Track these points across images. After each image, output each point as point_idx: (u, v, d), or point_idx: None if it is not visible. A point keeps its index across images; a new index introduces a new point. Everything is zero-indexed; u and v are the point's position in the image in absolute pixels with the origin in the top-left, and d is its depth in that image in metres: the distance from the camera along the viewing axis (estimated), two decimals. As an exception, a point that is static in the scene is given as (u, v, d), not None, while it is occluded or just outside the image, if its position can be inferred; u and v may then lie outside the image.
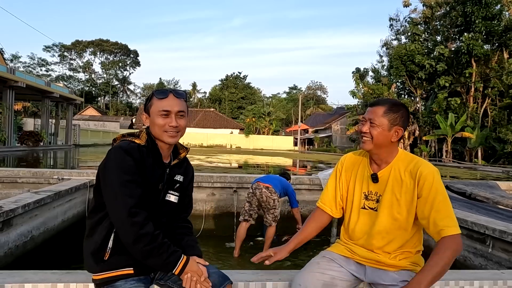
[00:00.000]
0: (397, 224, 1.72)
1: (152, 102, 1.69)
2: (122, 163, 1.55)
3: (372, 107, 1.77)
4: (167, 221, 1.76)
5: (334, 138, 49.03)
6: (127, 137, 1.70)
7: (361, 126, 1.78)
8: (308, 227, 1.96)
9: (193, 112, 54.30)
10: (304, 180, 6.38)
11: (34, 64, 68.63)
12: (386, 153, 1.76)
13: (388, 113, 1.72)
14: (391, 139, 1.73)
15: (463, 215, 4.08)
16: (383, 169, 1.77)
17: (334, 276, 1.76)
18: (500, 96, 28.74)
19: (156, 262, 1.55)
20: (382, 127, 1.71)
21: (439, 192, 1.64)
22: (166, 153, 1.74)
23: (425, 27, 34.45)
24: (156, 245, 1.53)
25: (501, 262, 3.44)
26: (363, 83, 36.58)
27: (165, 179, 1.72)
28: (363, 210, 1.81)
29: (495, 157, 26.29)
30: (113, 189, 1.54)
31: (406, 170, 1.72)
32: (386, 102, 1.76)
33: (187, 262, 1.59)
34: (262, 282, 1.87)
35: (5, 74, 19.91)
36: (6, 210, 3.36)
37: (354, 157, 1.93)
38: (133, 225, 1.51)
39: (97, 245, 1.60)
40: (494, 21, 27.50)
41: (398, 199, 1.72)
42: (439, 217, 1.61)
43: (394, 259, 1.75)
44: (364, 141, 1.76)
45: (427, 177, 1.65)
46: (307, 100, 73.43)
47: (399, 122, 1.73)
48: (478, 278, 2.01)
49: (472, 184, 7.10)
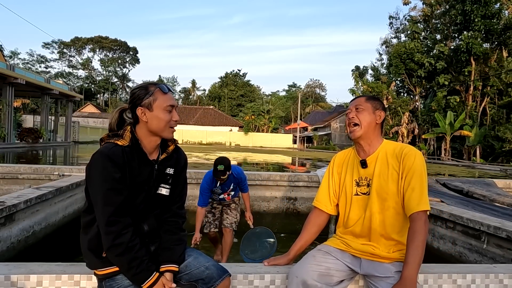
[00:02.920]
0: (387, 205, 1.82)
1: (157, 96, 1.66)
2: (103, 171, 1.56)
3: (354, 99, 1.99)
4: (160, 212, 1.78)
5: (333, 136, 49.06)
6: (111, 138, 1.67)
7: (348, 114, 1.95)
8: (307, 232, 2.03)
9: (192, 109, 54.33)
10: (303, 177, 6.44)
11: (33, 60, 68.50)
12: (372, 137, 1.91)
13: (369, 100, 1.95)
14: (376, 121, 1.91)
15: (459, 212, 4.13)
16: (371, 155, 1.90)
17: (330, 267, 1.82)
18: (499, 95, 28.81)
19: (126, 273, 1.61)
20: (368, 111, 1.91)
21: (417, 172, 1.77)
22: (153, 149, 1.72)
23: (425, 26, 34.47)
24: (129, 257, 1.56)
25: (495, 257, 3.49)
26: (363, 81, 36.65)
27: (155, 175, 1.72)
28: (356, 196, 1.92)
29: (493, 155, 26.37)
30: (95, 197, 1.58)
31: (392, 152, 1.86)
32: (366, 94, 1.93)
33: (157, 281, 1.60)
34: (261, 275, 1.91)
35: (5, 70, 19.90)
36: (8, 205, 3.41)
37: (344, 154, 2.07)
38: (108, 234, 1.55)
39: (93, 243, 1.63)
40: (493, 19, 27.53)
41: (385, 180, 1.83)
42: (412, 195, 1.75)
43: (388, 251, 1.81)
44: (353, 129, 1.91)
45: (409, 157, 1.80)
46: (306, 98, 73.43)
47: (380, 107, 1.94)
48: (470, 272, 2.06)
49: (469, 182, 7.16)
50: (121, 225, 1.57)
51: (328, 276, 1.80)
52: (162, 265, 1.69)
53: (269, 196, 6.27)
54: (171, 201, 1.79)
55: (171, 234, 1.76)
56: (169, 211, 1.80)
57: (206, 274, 1.69)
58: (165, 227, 1.77)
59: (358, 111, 1.90)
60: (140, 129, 1.69)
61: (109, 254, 1.59)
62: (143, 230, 1.71)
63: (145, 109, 1.65)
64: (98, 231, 1.60)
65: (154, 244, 1.75)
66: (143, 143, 1.69)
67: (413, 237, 1.70)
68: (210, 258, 1.79)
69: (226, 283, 1.71)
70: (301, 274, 1.77)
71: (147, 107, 1.65)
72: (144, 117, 1.65)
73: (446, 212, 4.18)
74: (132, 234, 1.59)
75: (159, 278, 1.62)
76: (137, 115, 1.67)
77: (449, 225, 4.18)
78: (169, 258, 1.70)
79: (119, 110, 1.76)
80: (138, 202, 1.67)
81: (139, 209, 1.69)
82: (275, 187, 6.30)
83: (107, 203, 1.55)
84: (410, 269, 1.66)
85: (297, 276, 1.78)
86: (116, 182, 1.57)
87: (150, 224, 1.73)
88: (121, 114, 1.75)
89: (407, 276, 1.65)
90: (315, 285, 1.75)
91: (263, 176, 6.32)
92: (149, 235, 1.73)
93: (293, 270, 1.82)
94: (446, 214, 4.16)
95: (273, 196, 6.28)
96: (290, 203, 6.30)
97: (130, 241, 1.57)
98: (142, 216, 1.71)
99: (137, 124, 1.69)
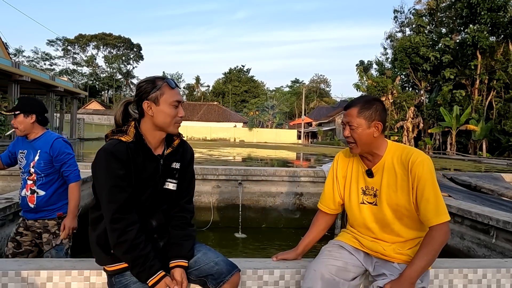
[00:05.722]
0: (398, 215, 1.77)
1: (164, 90, 1.64)
2: (107, 168, 1.56)
3: (346, 110, 1.81)
4: (168, 207, 1.77)
5: (337, 132, 48.90)
6: (115, 134, 1.65)
7: (343, 131, 1.83)
8: (315, 229, 2.04)
9: (196, 105, 54.34)
10: (309, 172, 6.42)
11: (38, 58, 68.67)
12: (374, 149, 1.80)
13: (362, 111, 1.75)
14: (373, 135, 1.76)
15: (467, 207, 4.11)
16: (376, 164, 1.81)
17: (347, 262, 1.81)
18: (505, 88, 28.52)
19: (131, 270, 1.60)
20: (361, 128, 1.75)
21: (428, 181, 1.69)
22: (158, 144, 1.71)
23: (430, 19, 34.15)
24: (134, 255, 1.56)
25: (504, 252, 3.47)
26: (367, 76, 36.40)
27: (160, 170, 1.70)
28: (362, 205, 1.86)
29: (500, 149, 26.18)
30: (100, 194, 1.60)
31: (398, 161, 1.76)
32: (358, 101, 1.79)
33: (160, 280, 1.59)
34: (270, 270, 1.91)
35: (10, 68, 20.01)
36: (16, 201, 3.42)
37: (347, 155, 1.97)
38: (113, 231, 1.56)
39: (102, 239, 1.64)
40: (499, 12, 27.20)
41: (394, 191, 1.76)
42: (428, 207, 1.67)
43: (400, 252, 1.78)
44: (351, 146, 1.82)
45: (418, 165, 1.70)
46: (310, 93, 73.19)
47: (376, 117, 1.75)
48: (481, 266, 2.05)
49: (477, 176, 7.11)
50: (126, 222, 1.56)
51: (346, 272, 1.78)
52: (172, 260, 1.68)
53: (274, 192, 6.27)
54: (178, 196, 1.78)
55: (180, 229, 1.75)
56: (177, 206, 1.79)
57: (216, 269, 1.68)
58: (173, 222, 1.76)
59: (352, 129, 1.76)
60: (145, 123, 1.67)
61: (115, 251, 1.60)
62: (151, 226, 1.70)
63: (151, 103, 1.63)
64: (106, 228, 1.60)
65: (163, 239, 1.75)
66: (147, 138, 1.67)
67: (428, 243, 1.66)
68: (219, 254, 1.78)
69: (235, 279, 1.70)
70: (319, 268, 1.76)
71: (154, 101, 1.63)
72: (150, 111, 1.64)
73: (454, 207, 4.16)
74: (137, 232, 1.58)
75: (164, 277, 1.60)
76: (143, 108, 1.65)
77: (457, 220, 4.16)
78: (178, 253, 1.70)
79: (124, 103, 1.74)
80: (144, 198, 1.67)
81: (146, 205, 1.68)
82: (281, 183, 6.29)
83: (111, 200, 1.56)
84: (412, 270, 1.63)
85: (315, 269, 1.76)
86: (120, 179, 1.56)
87: (158, 219, 1.72)
88: (126, 107, 1.73)
89: (407, 276, 1.62)
90: (333, 279, 1.74)
91: (269, 171, 6.32)
92: (158, 230, 1.73)
93: (311, 265, 1.81)
94: (454, 209, 4.14)
95: (278, 191, 6.27)
96: (296, 198, 6.29)
97: (135, 238, 1.57)
98: (150, 212, 1.70)
99: (143, 118, 1.68)
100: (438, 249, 1.66)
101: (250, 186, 6.20)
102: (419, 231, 1.79)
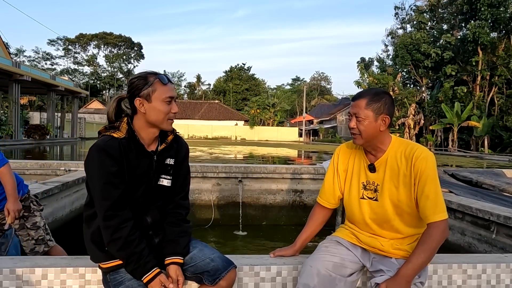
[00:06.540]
0: (399, 211, 1.74)
1: (156, 87, 1.61)
2: (99, 164, 1.55)
3: (354, 101, 1.76)
4: (163, 204, 1.75)
5: (339, 129, 48.87)
6: (108, 130, 1.63)
7: (349, 122, 1.78)
8: (312, 224, 2.01)
9: (197, 104, 54.33)
10: (309, 169, 6.41)
11: (39, 58, 68.84)
12: (378, 143, 1.77)
13: (371, 103, 1.71)
14: (379, 129, 1.72)
15: (468, 202, 4.09)
16: (379, 158, 1.78)
17: (344, 258, 1.79)
18: (507, 84, 28.46)
19: (125, 267, 1.59)
20: (368, 120, 1.70)
21: (430, 178, 1.66)
22: (151, 141, 1.69)
23: (431, 15, 34.08)
24: (127, 252, 1.55)
25: (505, 247, 3.45)
26: (368, 73, 36.39)
27: (154, 166, 1.68)
28: (362, 200, 1.83)
29: (501, 146, 26.11)
30: (93, 191, 1.58)
31: (402, 156, 1.73)
32: (367, 93, 1.76)
33: (155, 277, 1.57)
34: (267, 266, 1.89)
35: (11, 68, 20.04)
36: None
37: (349, 148, 1.93)
38: (106, 228, 1.55)
39: (96, 236, 1.62)
40: (500, 8, 27.11)
41: (396, 187, 1.73)
42: (427, 203, 1.65)
43: (398, 247, 1.76)
44: (355, 137, 1.77)
45: (421, 161, 1.67)
46: (311, 91, 73.12)
47: (384, 110, 1.71)
48: (481, 262, 2.03)
49: (478, 172, 7.09)
50: (119, 219, 1.55)
51: (343, 268, 1.76)
52: (167, 257, 1.67)
53: (275, 189, 6.25)
54: (173, 192, 1.76)
55: (175, 226, 1.73)
56: (172, 202, 1.76)
57: (212, 266, 1.67)
58: (168, 218, 1.74)
59: (359, 121, 1.71)
60: (138, 120, 1.65)
61: (109, 248, 1.58)
62: (146, 222, 1.69)
63: (143, 100, 1.60)
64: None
65: (158, 236, 1.73)
66: (140, 134, 1.65)
67: (425, 241, 1.64)
68: (215, 250, 1.76)
69: (232, 275, 1.69)
70: (315, 264, 1.74)
71: (146, 98, 1.60)
72: (142, 108, 1.61)
73: (455, 203, 4.13)
74: (131, 228, 1.57)
75: (159, 274, 1.58)
76: (135, 105, 1.63)
77: (457, 216, 4.13)
78: (173, 250, 1.68)
79: (117, 99, 1.72)
80: (138, 195, 1.65)
81: (141, 202, 1.67)
82: (281, 180, 6.28)
83: (104, 197, 1.54)
84: (409, 268, 1.61)
85: (311, 265, 1.74)
86: (112, 176, 1.55)
87: (153, 216, 1.71)
88: (119, 104, 1.71)
89: (403, 274, 1.60)
90: (329, 275, 1.72)
91: (269, 169, 6.30)
92: (153, 227, 1.71)
93: (308, 261, 1.79)
94: (455, 205, 4.12)
95: (279, 189, 6.26)
96: (296, 195, 6.28)
97: (129, 235, 1.55)
98: (144, 208, 1.69)
99: (135, 115, 1.65)
100: (436, 247, 1.63)
101: (250, 183, 6.18)
102: (418, 228, 1.77)
